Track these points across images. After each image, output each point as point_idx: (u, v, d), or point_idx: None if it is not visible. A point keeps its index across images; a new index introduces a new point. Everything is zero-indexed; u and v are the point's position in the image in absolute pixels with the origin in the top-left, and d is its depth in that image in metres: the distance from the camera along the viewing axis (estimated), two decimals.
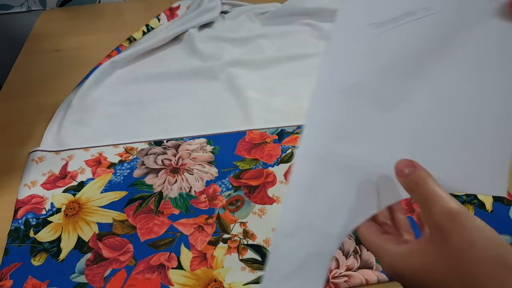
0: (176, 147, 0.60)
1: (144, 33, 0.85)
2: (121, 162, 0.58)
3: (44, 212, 0.52)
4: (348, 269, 0.45)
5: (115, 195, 0.54)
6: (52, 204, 0.53)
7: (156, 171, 0.57)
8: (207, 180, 0.55)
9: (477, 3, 0.26)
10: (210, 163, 0.58)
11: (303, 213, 0.31)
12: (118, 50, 0.79)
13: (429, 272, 0.25)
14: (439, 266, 0.25)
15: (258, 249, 0.47)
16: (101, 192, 0.54)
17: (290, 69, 0.76)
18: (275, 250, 0.31)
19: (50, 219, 0.51)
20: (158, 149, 0.60)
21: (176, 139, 0.61)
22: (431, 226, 0.26)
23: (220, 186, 0.54)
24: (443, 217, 0.25)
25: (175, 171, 0.56)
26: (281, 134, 0.61)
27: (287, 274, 0.30)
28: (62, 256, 0.47)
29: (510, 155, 0.27)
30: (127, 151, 0.60)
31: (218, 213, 0.51)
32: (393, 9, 0.28)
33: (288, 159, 0.58)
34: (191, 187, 0.54)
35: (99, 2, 1.00)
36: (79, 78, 0.74)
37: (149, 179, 0.55)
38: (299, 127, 0.63)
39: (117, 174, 0.56)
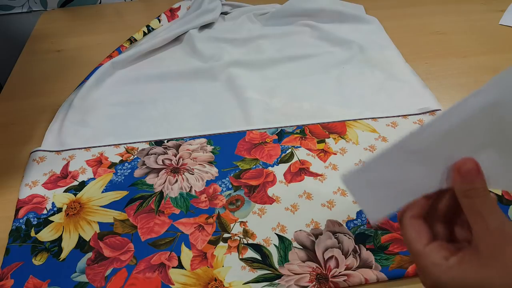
0: (177, 147, 0.60)
1: (144, 34, 0.86)
2: (122, 162, 0.58)
3: (45, 211, 0.52)
4: (347, 268, 0.45)
5: (116, 195, 0.54)
6: (53, 203, 0.53)
7: (157, 171, 0.57)
8: (207, 180, 0.55)
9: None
10: (210, 163, 0.58)
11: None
12: (119, 50, 0.80)
13: (481, 285, 0.25)
14: (495, 278, 0.25)
15: (258, 248, 0.48)
16: (102, 192, 0.54)
17: (290, 70, 0.76)
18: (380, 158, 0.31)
19: (51, 218, 0.51)
20: (158, 149, 0.60)
21: (177, 139, 0.61)
22: (486, 241, 0.26)
23: (220, 185, 0.55)
24: (500, 235, 0.25)
25: (175, 171, 0.57)
26: (281, 134, 0.62)
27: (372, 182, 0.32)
28: (63, 255, 0.47)
29: None
30: (128, 151, 0.60)
31: (218, 212, 0.51)
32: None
33: (288, 159, 0.58)
34: (191, 187, 0.55)
35: (100, 2, 1.01)
36: (80, 78, 0.74)
37: (149, 179, 0.56)
38: (298, 127, 0.63)
39: (118, 174, 0.57)
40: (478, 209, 0.26)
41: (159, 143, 0.61)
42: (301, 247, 0.47)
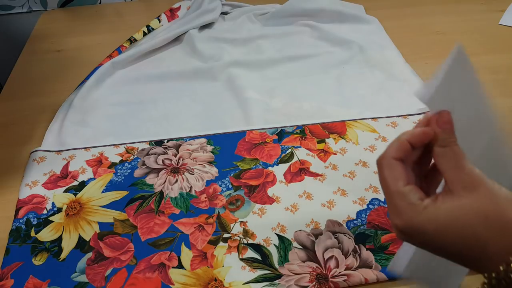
0: (177, 147, 0.60)
1: (144, 34, 0.86)
2: (122, 162, 0.58)
3: (45, 211, 0.52)
4: (347, 268, 0.45)
5: (116, 195, 0.54)
6: (53, 203, 0.53)
7: (157, 171, 0.57)
8: (207, 180, 0.55)
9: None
10: (210, 163, 0.58)
11: None
12: (119, 50, 0.80)
13: (454, 221, 0.26)
14: (467, 211, 0.26)
15: (258, 248, 0.48)
16: (102, 192, 0.54)
17: (289, 70, 0.76)
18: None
19: (51, 218, 0.51)
20: (158, 149, 0.60)
21: (177, 139, 0.62)
22: (461, 181, 0.27)
23: (220, 185, 0.55)
24: (474, 175, 0.27)
25: (175, 171, 0.57)
26: (281, 134, 0.62)
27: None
28: (63, 255, 0.47)
29: None
30: (128, 151, 0.60)
31: (218, 212, 0.51)
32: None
33: (287, 159, 0.58)
34: (191, 187, 0.55)
35: (100, 2, 1.01)
36: (80, 78, 0.74)
37: (149, 179, 0.56)
38: (298, 127, 0.63)
39: (118, 174, 0.57)
40: (454, 155, 0.28)
41: (159, 143, 0.61)
42: (301, 247, 0.47)
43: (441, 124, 0.29)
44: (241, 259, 0.47)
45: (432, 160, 0.32)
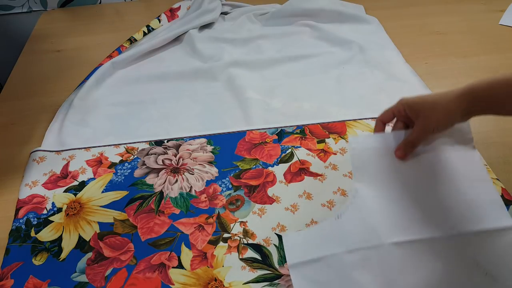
0: (177, 147, 0.60)
1: (144, 34, 0.86)
2: (122, 162, 0.58)
3: (45, 211, 0.52)
4: None
5: (116, 195, 0.54)
6: (53, 203, 0.53)
7: (157, 171, 0.57)
8: (207, 180, 0.55)
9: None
10: (210, 163, 0.58)
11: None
12: (119, 50, 0.80)
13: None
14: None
15: (258, 248, 0.48)
16: (102, 192, 0.54)
17: (289, 70, 0.76)
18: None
19: (51, 218, 0.51)
20: (158, 149, 0.60)
21: (177, 139, 0.62)
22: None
23: (220, 185, 0.55)
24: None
25: (175, 171, 0.57)
26: (281, 134, 0.62)
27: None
28: (63, 255, 0.47)
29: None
30: (128, 151, 0.60)
31: (218, 212, 0.51)
32: None
33: (287, 159, 0.58)
34: (191, 187, 0.55)
35: (100, 2, 1.01)
36: (80, 78, 0.74)
37: (149, 179, 0.56)
38: (298, 127, 0.63)
39: (118, 174, 0.57)
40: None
41: (159, 143, 0.61)
42: None
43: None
44: (241, 259, 0.47)
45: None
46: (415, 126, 0.46)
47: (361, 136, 0.51)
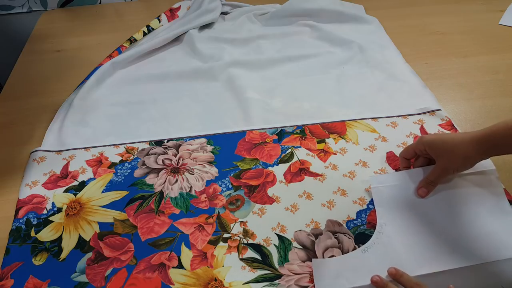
0: (177, 147, 0.60)
1: (144, 34, 0.86)
2: (122, 162, 0.58)
3: (45, 211, 0.52)
4: None
5: (116, 195, 0.54)
6: (53, 203, 0.53)
7: (157, 171, 0.57)
8: (207, 180, 0.55)
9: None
10: (210, 163, 0.58)
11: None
12: (119, 50, 0.80)
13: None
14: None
15: (258, 248, 0.48)
16: (102, 192, 0.54)
17: (289, 70, 0.76)
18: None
19: (51, 218, 0.51)
20: (158, 149, 0.60)
21: (177, 139, 0.62)
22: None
23: (220, 185, 0.55)
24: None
25: (175, 171, 0.57)
26: (281, 134, 0.62)
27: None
28: (63, 255, 0.47)
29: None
30: (128, 151, 0.60)
31: (218, 212, 0.51)
32: None
33: (288, 159, 0.58)
34: (191, 187, 0.55)
35: (100, 2, 1.01)
36: (80, 78, 0.74)
37: (149, 179, 0.56)
38: (298, 127, 0.63)
39: (118, 174, 0.57)
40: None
41: (159, 143, 0.61)
42: (301, 247, 0.47)
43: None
44: (241, 259, 0.47)
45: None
46: (436, 166, 0.49)
47: (381, 175, 0.54)
